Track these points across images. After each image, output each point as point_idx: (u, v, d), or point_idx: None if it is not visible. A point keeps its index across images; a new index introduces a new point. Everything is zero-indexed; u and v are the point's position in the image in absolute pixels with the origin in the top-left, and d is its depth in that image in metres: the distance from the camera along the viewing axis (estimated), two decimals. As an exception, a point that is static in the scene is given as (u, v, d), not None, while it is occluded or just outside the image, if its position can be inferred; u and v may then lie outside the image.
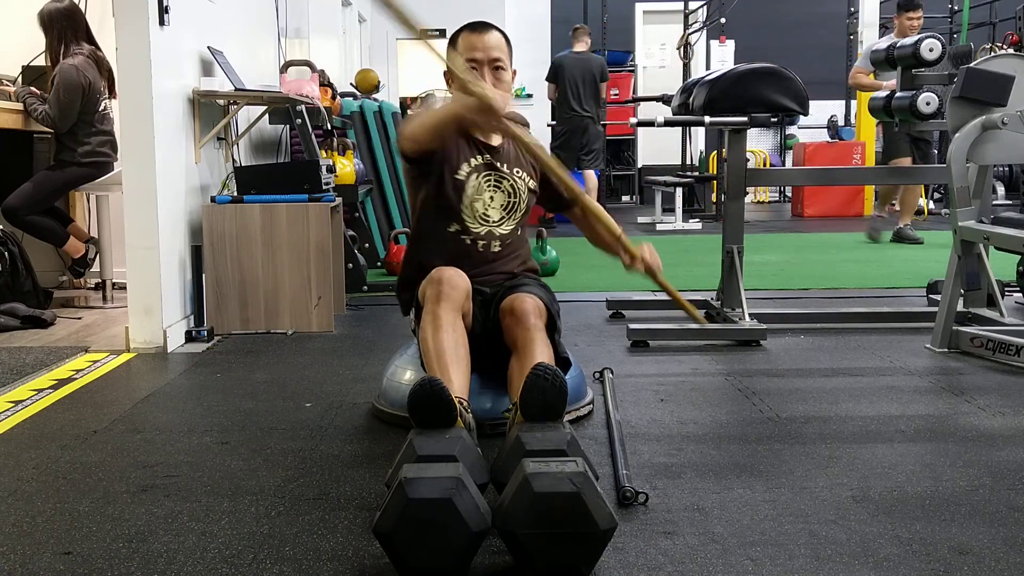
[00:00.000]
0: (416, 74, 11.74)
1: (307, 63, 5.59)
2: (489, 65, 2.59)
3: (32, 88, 4.63)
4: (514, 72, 2.69)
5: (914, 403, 2.86)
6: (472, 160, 2.65)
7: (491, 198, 2.66)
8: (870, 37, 9.61)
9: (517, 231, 2.73)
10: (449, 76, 2.68)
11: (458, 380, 2.23)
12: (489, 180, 2.67)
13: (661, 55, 12.70)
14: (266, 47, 5.44)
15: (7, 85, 4.67)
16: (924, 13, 7.02)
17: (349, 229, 5.27)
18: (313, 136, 4.75)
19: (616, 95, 11.33)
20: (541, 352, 2.33)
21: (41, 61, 4.87)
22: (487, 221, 2.66)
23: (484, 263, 2.65)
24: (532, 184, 2.74)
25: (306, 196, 4.02)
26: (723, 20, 10.30)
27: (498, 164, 2.68)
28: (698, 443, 2.49)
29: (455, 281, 2.40)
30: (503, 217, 2.68)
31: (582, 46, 8.83)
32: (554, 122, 9.17)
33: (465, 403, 2.18)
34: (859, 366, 3.34)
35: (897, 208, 7.49)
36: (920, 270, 5.58)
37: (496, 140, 2.69)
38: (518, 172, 2.71)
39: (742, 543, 1.84)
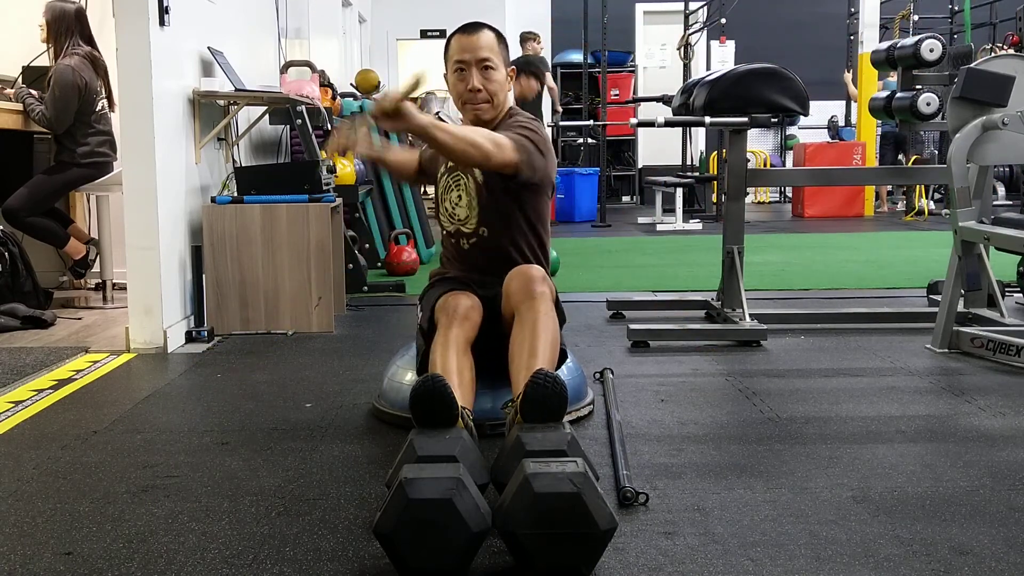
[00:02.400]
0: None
1: (307, 63, 5.59)
2: (477, 65, 2.59)
3: (31, 89, 4.63)
4: (511, 71, 2.68)
5: (914, 403, 2.86)
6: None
7: (458, 196, 2.69)
8: (870, 37, 9.61)
9: (482, 230, 2.66)
10: (446, 78, 2.69)
11: (462, 394, 2.24)
12: (456, 178, 2.70)
13: (661, 55, 12.70)
14: (266, 47, 5.44)
15: (7, 89, 4.67)
16: (923, 13, 6.91)
17: (349, 229, 5.26)
18: (313, 136, 4.75)
19: (616, 95, 11.33)
20: (544, 328, 2.32)
21: (40, 62, 4.87)
22: (455, 219, 2.71)
23: (464, 259, 2.71)
24: (479, 176, 2.65)
25: (306, 196, 4.03)
26: (723, 20, 10.31)
27: None
28: (698, 443, 2.48)
29: (470, 315, 2.46)
30: (468, 214, 2.68)
31: (525, 51, 9.32)
32: None
33: (468, 411, 2.18)
34: (859, 366, 3.33)
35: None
36: (920, 270, 5.58)
37: None
38: None
39: (742, 543, 1.84)
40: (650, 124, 4.11)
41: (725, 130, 4.12)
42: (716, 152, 10.49)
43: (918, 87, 3.97)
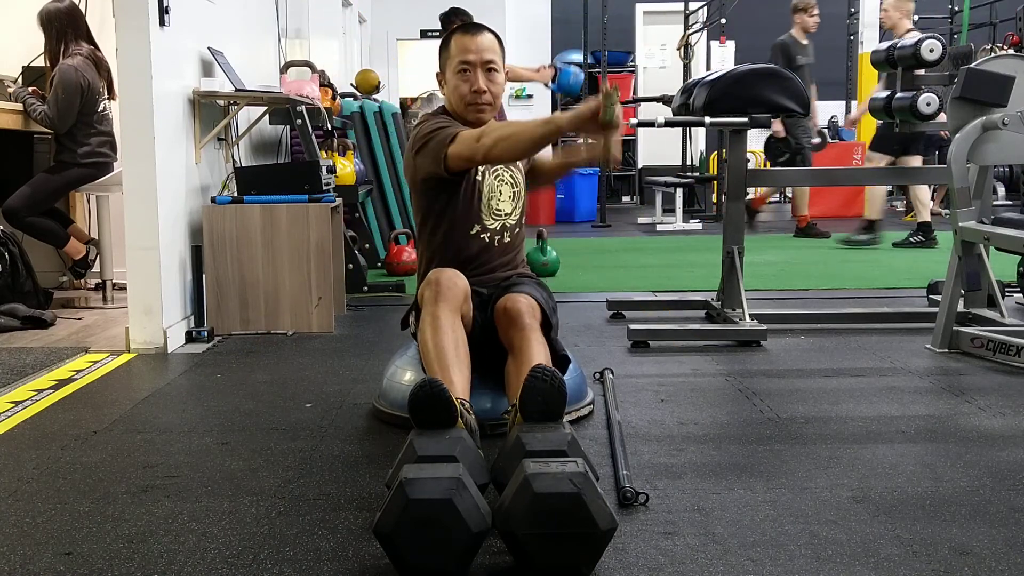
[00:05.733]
0: (416, 74, 11.77)
1: (307, 63, 5.59)
2: (482, 67, 2.60)
3: (32, 88, 4.63)
4: (507, 72, 2.72)
5: (914, 404, 2.86)
6: None
7: (501, 192, 2.72)
8: (870, 37, 9.61)
9: (521, 219, 2.80)
10: (441, 77, 2.69)
11: (459, 381, 2.23)
12: (498, 175, 2.72)
13: (661, 55, 12.69)
14: (266, 48, 5.44)
15: (8, 85, 4.67)
16: (923, 13, 6.84)
17: (349, 229, 5.27)
18: (313, 137, 4.75)
19: (616, 95, 11.33)
20: (537, 352, 2.33)
21: (41, 62, 4.87)
22: (500, 215, 2.71)
23: (497, 257, 2.70)
24: (523, 165, 2.82)
25: (306, 196, 4.02)
26: (723, 21, 10.30)
27: None
28: (698, 444, 2.48)
29: (454, 281, 2.42)
30: (513, 207, 2.74)
31: (795, 22, 7.70)
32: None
33: (467, 404, 2.18)
34: (859, 367, 3.33)
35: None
36: (920, 270, 5.57)
37: None
38: None
39: (742, 543, 1.84)
40: (650, 124, 4.11)
41: (725, 130, 4.12)
42: (716, 152, 10.48)
43: (919, 87, 3.97)
